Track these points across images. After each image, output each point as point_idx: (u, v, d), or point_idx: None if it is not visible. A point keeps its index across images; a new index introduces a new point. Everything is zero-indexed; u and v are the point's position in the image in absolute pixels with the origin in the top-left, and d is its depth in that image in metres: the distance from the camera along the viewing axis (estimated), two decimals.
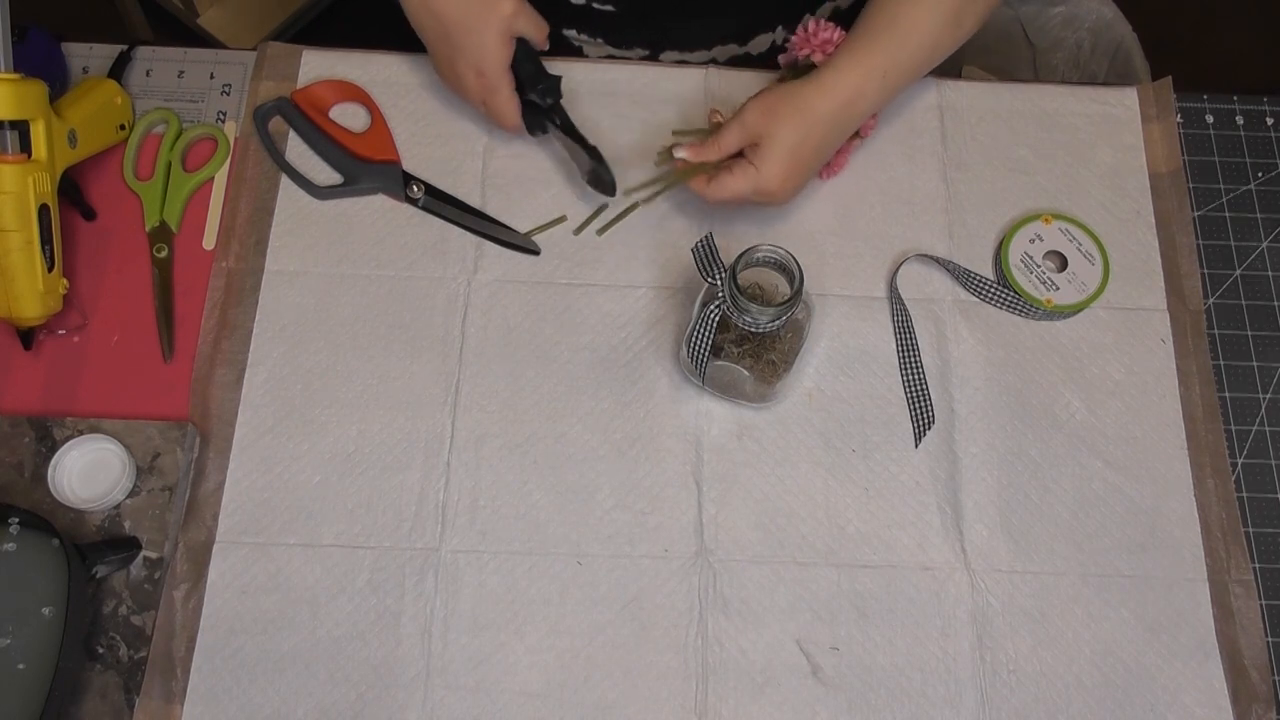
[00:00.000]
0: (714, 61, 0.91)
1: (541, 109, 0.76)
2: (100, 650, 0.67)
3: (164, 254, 0.77)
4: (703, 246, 0.65)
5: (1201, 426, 0.75)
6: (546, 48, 0.76)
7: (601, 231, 0.79)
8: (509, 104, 0.75)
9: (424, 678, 0.67)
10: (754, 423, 0.74)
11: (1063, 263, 0.79)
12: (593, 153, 0.76)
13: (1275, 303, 0.80)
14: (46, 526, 0.62)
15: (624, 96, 0.84)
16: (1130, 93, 0.85)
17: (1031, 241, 0.79)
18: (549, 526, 0.71)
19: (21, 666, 0.58)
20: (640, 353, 0.76)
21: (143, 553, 0.68)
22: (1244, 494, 0.74)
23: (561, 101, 0.77)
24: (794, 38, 0.77)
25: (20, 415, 0.71)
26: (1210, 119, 0.86)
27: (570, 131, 0.77)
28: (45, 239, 0.68)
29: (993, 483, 0.73)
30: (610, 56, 0.91)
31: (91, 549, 0.64)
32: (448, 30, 0.73)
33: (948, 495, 0.72)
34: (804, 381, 0.75)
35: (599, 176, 0.77)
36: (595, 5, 0.86)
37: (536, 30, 0.75)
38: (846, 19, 0.78)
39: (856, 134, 0.78)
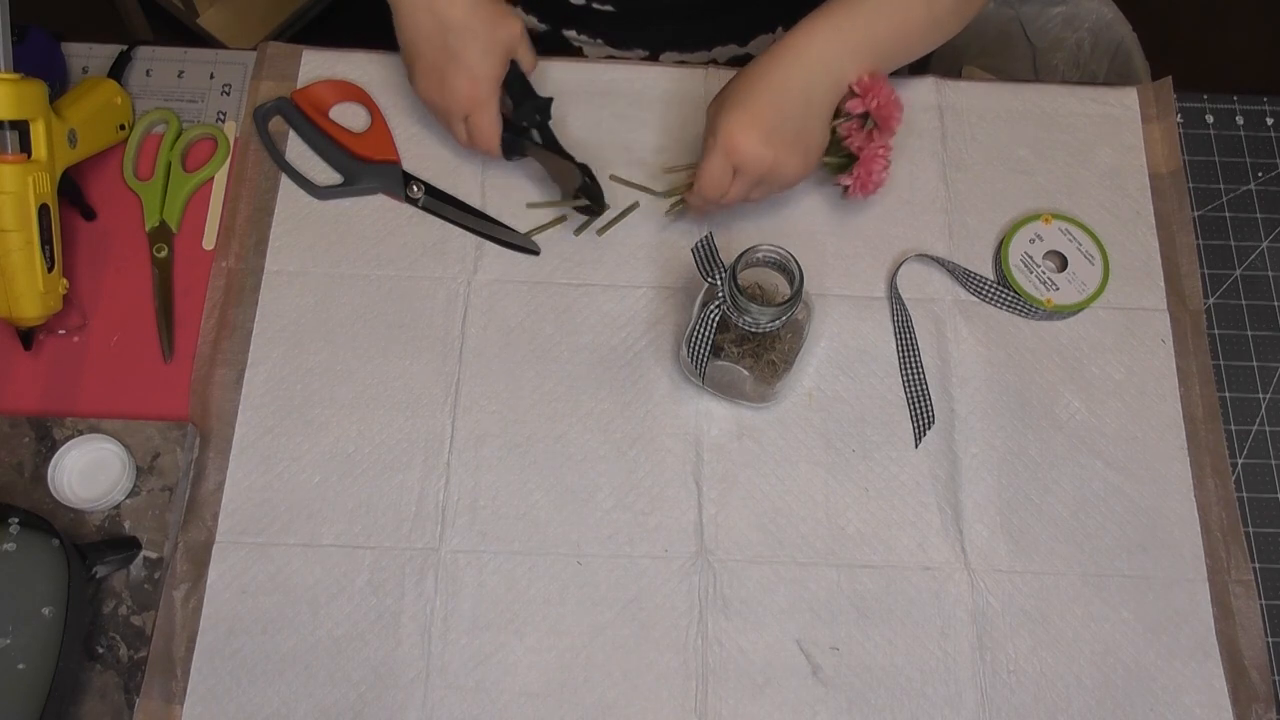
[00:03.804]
0: (714, 62, 0.91)
1: (519, 131, 0.76)
2: (100, 650, 0.67)
3: (164, 254, 0.77)
4: (703, 246, 0.65)
5: (1201, 426, 0.75)
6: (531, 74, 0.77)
7: (602, 231, 0.79)
8: (493, 123, 0.74)
9: (424, 678, 0.67)
10: (754, 423, 0.74)
11: (1063, 263, 0.79)
12: (584, 169, 0.76)
13: (1275, 303, 0.80)
14: (46, 526, 0.62)
15: (624, 96, 0.84)
16: (1130, 93, 0.85)
17: (1031, 241, 0.79)
18: (549, 526, 0.71)
19: (21, 666, 0.58)
20: (640, 353, 0.76)
21: (143, 553, 0.68)
22: (1244, 494, 0.74)
23: (550, 123, 0.77)
24: None
25: (20, 415, 0.71)
26: (1210, 119, 0.86)
27: (558, 150, 0.77)
28: (45, 239, 0.68)
29: (993, 483, 0.73)
30: (610, 57, 0.91)
31: (91, 549, 0.64)
32: (448, 33, 0.71)
33: (948, 495, 0.72)
34: (804, 381, 0.75)
35: (589, 192, 0.76)
36: (595, 5, 0.86)
37: (529, 61, 0.76)
38: None
39: (875, 126, 0.73)
